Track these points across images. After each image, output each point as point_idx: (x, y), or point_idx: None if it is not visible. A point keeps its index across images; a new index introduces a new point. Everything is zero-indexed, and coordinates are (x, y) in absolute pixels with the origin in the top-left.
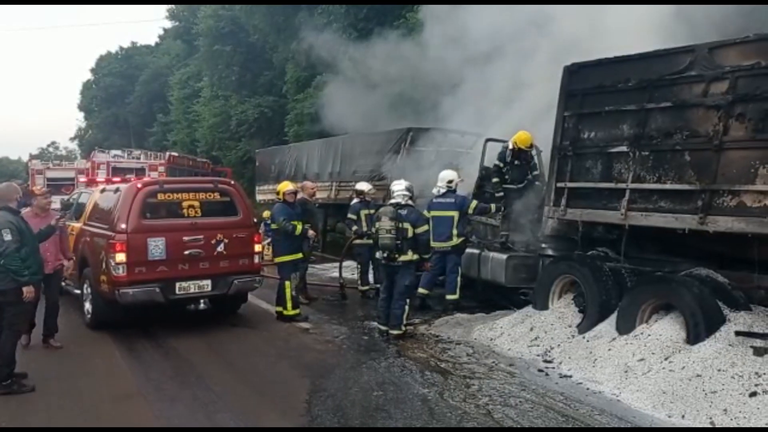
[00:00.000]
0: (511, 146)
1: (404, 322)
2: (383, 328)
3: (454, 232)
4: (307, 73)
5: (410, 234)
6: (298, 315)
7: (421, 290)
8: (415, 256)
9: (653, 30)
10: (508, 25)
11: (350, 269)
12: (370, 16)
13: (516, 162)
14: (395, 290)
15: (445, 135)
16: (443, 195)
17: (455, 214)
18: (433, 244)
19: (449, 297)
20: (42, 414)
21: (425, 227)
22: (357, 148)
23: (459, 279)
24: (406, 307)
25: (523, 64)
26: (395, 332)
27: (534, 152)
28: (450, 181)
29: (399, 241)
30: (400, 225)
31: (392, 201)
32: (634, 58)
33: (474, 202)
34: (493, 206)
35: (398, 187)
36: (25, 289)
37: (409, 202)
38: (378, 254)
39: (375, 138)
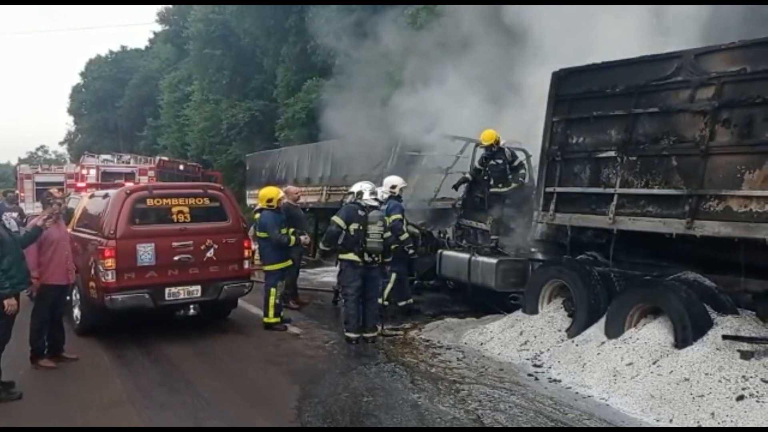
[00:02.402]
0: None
1: (378, 321)
2: (354, 335)
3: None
4: (297, 77)
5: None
6: (278, 323)
7: (401, 304)
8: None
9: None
10: (502, 28)
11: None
12: (362, 19)
13: (492, 162)
14: (372, 292)
15: (436, 140)
16: (384, 201)
17: (387, 220)
18: None
19: (400, 304)
20: (29, 422)
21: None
22: (348, 153)
23: (390, 285)
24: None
25: (515, 69)
26: (374, 334)
27: (508, 151)
28: (393, 187)
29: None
30: (385, 227)
31: (367, 203)
32: (621, 64)
33: (393, 217)
34: (406, 235)
35: (366, 188)
36: (6, 302)
37: (376, 203)
38: (360, 258)
39: (366, 142)
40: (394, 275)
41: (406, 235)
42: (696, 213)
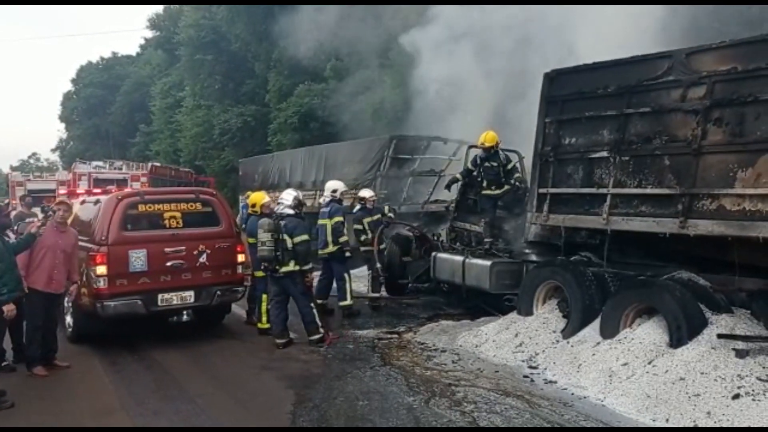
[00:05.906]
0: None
1: (319, 324)
2: (280, 341)
3: (329, 239)
4: (289, 82)
5: (289, 245)
6: (272, 328)
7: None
8: (297, 267)
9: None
10: (496, 30)
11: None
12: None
13: (487, 164)
14: (297, 302)
15: (428, 143)
16: (326, 204)
17: (328, 222)
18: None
19: (342, 304)
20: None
21: (303, 237)
22: (340, 157)
23: (347, 285)
24: (314, 311)
25: (510, 71)
26: (316, 337)
27: (503, 154)
28: (334, 191)
29: (279, 252)
30: (280, 236)
31: (278, 210)
32: (612, 64)
33: (336, 219)
34: (345, 237)
35: (286, 197)
36: (5, 307)
37: (291, 212)
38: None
39: (358, 146)
40: (347, 276)
41: (345, 237)
42: (689, 212)
